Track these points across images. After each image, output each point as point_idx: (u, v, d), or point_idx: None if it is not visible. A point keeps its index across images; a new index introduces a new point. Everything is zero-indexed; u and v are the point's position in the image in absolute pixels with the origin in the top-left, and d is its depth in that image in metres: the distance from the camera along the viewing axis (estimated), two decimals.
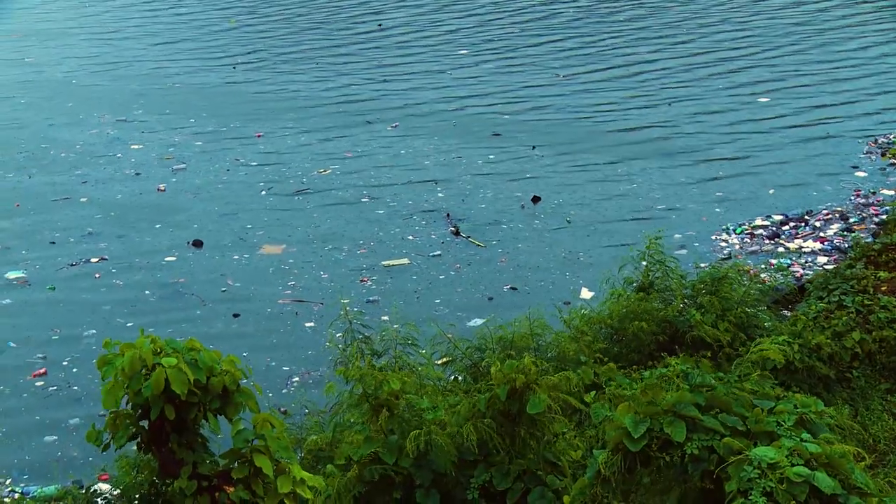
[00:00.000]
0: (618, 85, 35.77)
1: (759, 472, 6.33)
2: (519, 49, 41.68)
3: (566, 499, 7.49)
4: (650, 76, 36.61)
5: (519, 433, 8.16)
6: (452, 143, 29.94)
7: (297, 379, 17.34)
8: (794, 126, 30.51)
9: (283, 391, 16.68)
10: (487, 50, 41.77)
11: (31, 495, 13.72)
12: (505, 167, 27.89)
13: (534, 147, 29.43)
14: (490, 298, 20.36)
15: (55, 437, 16.04)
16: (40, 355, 18.42)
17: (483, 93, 35.28)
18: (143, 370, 7.93)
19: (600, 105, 33.38)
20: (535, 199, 25.31)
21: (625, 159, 28.25)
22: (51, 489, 13.41)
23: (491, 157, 28.75)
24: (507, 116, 32.50)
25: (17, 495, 14.16)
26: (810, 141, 29.33)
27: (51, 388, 17.33)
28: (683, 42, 41.49)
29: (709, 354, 12.01)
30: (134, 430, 8.25)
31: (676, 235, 22.33)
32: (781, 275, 19.47)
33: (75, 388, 17.22)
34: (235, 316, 19.84)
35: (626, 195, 25.70)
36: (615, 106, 33.26)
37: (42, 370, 17.70)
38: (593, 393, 8.35)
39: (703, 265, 16.66)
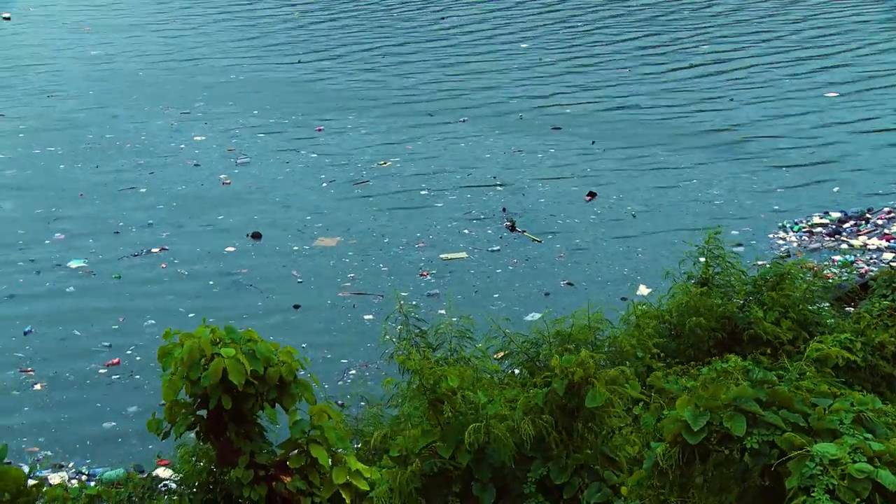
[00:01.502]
0: (684, 81, 35.50)
1: (821, 468, 6.22)
2: (585, 44, 41.51)
3: (623, 490, 7.43)
4: (718, 72, 36.25)
5: (576, 427, 8.10)
6: (514, 137, 29.88)
7: (353, 372, 17.38)
8: (869, 130, 29.92)
9: (339, 383, 16.69)
10: (552, 45, 41.61)
11: (96, 478, 13.92)
12: (565, 162, 27.79)
13: (594, 142, 29.29)
14: (547, 293, 20.28)
15: (114, 424, 16.24)
16: (105, 343, 18.64)
17: (546, 87, 35.18)
18: (202, 360, 8.01)
19: (665, 100, 33.16)
20: (591, 195, 25.17)
21: (686, 155, 28.02)
22: (115, 473, 13.60)
23: (552, 150, 28.66)
24: (569, 111, 32.38)
25: (83, 477, 14.38)
26: (879, 141, 28.82)
27: (114, 377, 17.53)
28: (766, 40, 40.82)
29: (769, 351, 11.85)
30: (193, 419, 8.33)
31: (734, 232, 22.07)
32: (846, 271, 19.16)
33: (137, 376, 17.39)
34: (296, 307, 19.92)
35: (687, 191, 25.48)
36: (679, 101, 33.00)
37: (115, 360, 17.87)
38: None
39: (760, 263, 16.45)
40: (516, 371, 9.34)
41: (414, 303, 18.81)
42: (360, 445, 9.41)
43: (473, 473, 8.29)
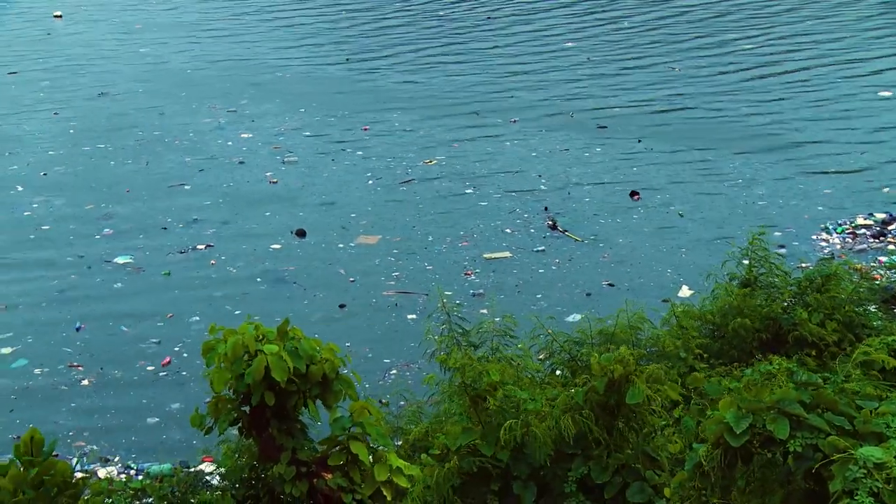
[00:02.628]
0: (733, 82, 35.16)
1: (865, 471, 6.16)
2: (632, 44, 41.28)
3: (667, 491, 7.39)
4: (770, 74, 35.84)
5: (617, 426, 8.07)
6: (560, 136, 29.81)
7: (394, 372, 17.41)
8: None
9: (380, 383, 16.73)
10: (599, 45, 41.45)
11: (144, 471, 14.05)
12: (610, 160, 27.70)
13: (639, 140, 29.15)
14: (588, 294, 20.22)
15: (157, 419, 16.44)
16: (154, 340, 18.82)
17: (593, 87, 35.03)
18: (245, 356, 8.06)
19: (713, 101, 32.89)
20: (634, 195, 25.05)
21: (733, 155, 27.80)
22: (162, 468, 13.73)
23: (598, 150, 28.56)
24: (616, 110, 32.25)
25: (131, 472, 14.52)
26: None
27: (161, 374, 17.70)
28: (819, 42, 40.26)
29: (813, 353, 11.72)
30: (235, 415, 8.39)
31: (777, 233, 21.87)
32: (894, 273, 18.91)
33: (184, 373, 17.55)
34: (341, 307, 19.97)
35: (732, 191, 25.28)
36: (728, 102, 32.74)
37: (167, 359, 18.01)
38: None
39: (803, 265, 16.31)
40: (558, 371, 9.33)
41: (458, 302, 18.85)
42: (400, 443, 9.43)
43: (513, 471, 8.28)
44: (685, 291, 19.48)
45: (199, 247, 22.75)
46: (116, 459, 15.22)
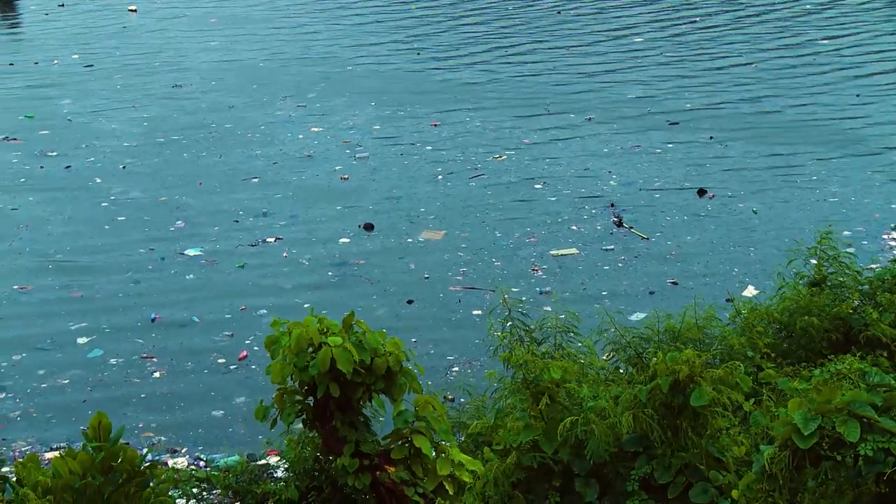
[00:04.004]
0: (809, 77, 34.62)
1: None
2: (705, 41, 40.82)
3: (734, 493, 7.29)
4: (853, 74, 35.16)
5: (681, 426, 7.98)
6: (630, 132, 29.58)
7: (456, 369, 17.35)
8: None
9: (441, 379, 16.60)
10: (670, 41, 41.08)
11: (214, 464, 14.19)
12: (681, 158, 27.42)
13: (711, 137, 28.85)
14: (651, 292, 20.04)
15: (222, 412, 16.57)
16: (227, 333, 18.99)
17: (665, 83, 34.70)
18: (310, 349, 8.12)
19: (789, 98, 32.38)
20: (702, 192, 24.78)
21: (807, 153, 27.36)
22: (231, 459, 13.86)
23: (669, 146, 28.31)
24: (688, 106, 31.94)
25: (201, 463, 14.69)
26: None
27: (231, 367, 17.83)
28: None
29: (885, 355, 11.49)
30: (300, 407, 8.46)
31: (846, 232, 21.47)
32: None
33: (253, 366, 17.59)
34: (409, 302, 19.99)
35: (804, 190, 24.91)
36: (806, 100, 32.19)
37: (243, 353, 18.11)
38: (752, 401, 8.09)
39: (873, 266, 16.02)
40: (622, 368, 9.26)
41: (523, 299, 18.80)
42: (463, 438, 9.43)
43: (574, 469, 8.24)
44: (750, 291, 19.19)
45: (269, 240, 22.94)
46: (184, 451, 15.40)
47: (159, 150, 29.27)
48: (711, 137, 28.79)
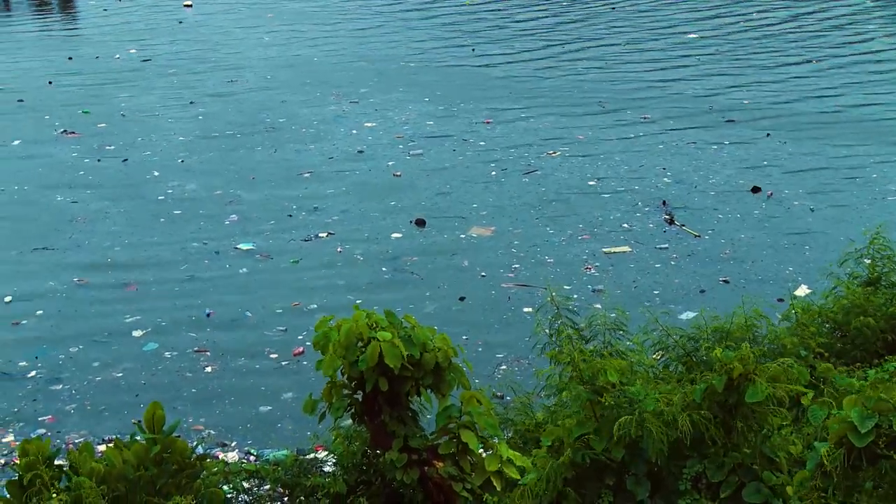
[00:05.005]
0: (872, 77, 34.16)
1: None
2: (762, 37, 40.44)
3: (789, 489, 7.21)
4: None
5: (735, 425, 7.91)
6: (686, 129, 29.38)
7: (504, 367, 17.20)
8: None
9: (489, 377, 16.34)
10: (726, 36, 40.72)
11: (264, 458, 14.26)
12: (737, 154, 27.18)
13: (768, 134, 28.54)
14: (702, 291, 19.82)
15: (270, 408, 16.59)
16: (280, 328, 19.03)
17: (722, 79, 34.46)
18: (359, 344, 8.14)
19: (850, 94, 32.03)
20: (756, 190, 24.52)
21: (869, 150, 27.03)
22: (280, 454, 13.93)
23: (725, 143, 28.06)
24: (746, 102, 31.64)
25: (251, 457, 14.78)
26: None
27: (283, 362, 17.84)
28: None
29: None
30: (348, 401, 8.48)
31: None
32: None
33: (304, 362, 17.57)
34: (461, 299, 19.93)
35: (864, 187, 24.61)
36: (866, 96, 31.81)
37: (300, 349, 18.10)
38: (810, 394, 7.99)
39: None
40: (671, 367, 9.19)
41: (575, 297, 18.70)
42: (511, 434, 9.42)
43: (628, 467, 8.20)
44: (803, 290, 18.86)
45: (321, 235, 23.02)
46: (233, 444, 15.48)
47: (214, 144, 29.52)
48: (768, 134, 28.51)
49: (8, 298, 20.32)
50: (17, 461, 8.91)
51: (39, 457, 8.74)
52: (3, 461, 14.96)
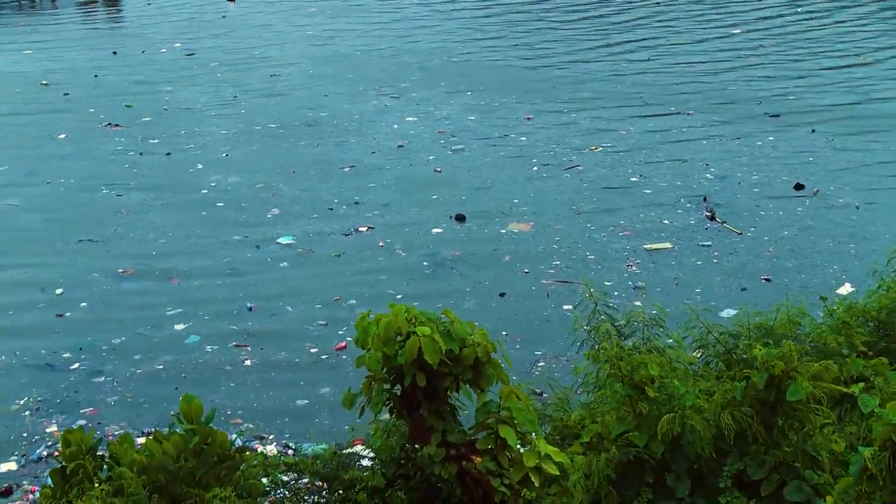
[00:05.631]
0: None
1: None
2: (807, 30, 40.08)
3: (829, 500, 7.13)
4: None
5: (776, 423, 7.84)
6: (729, 124, 29.18)
7: (542, 364, 17.08)
8: None
9: (527, 373, 16.21)
10: (770, 31, 40.38)
11: (303, 452, 14.29)
12: (781, 151, 26.89)
13: (813, 130, 28.26)
14: (743, 289, 19.58)
15: (307, 401, 16.60)
16: (321, 322, 19.05)
17: (765, 74, 34.16)
18: (398, 338, 8.14)
19: None
20: (798, 187, 24.26)
21: None
22: (319, 447, 13.96)
23: (770, 139, 27.81)
24: (791, 97, 31.37)
25: (289, 451, 14.82)
26: None
27: (322, 357, 17.83)
28: None
29: None
30: (387, 396, 8.49)
31: None
32: None
33: (344, 357, 17.58)
34: (501, 295, 19.85)
35: None
36: None
37: (343, 343, 18.07)
38: (861, 384, 7.90)
39: None
40: (711, 364, 9.13)
41: (615, 293, 18.61)
42: (549, 430, 9.39)
43: (668, 464, 8.16)
44: (846, 289, 18.61)
45: (362, 229, 23.04)
46: (271, 437, 15.52)
47: (257, 138, 29.69)
48: (813, 131, 28.22)
49: (59, 290, 20.54)
50: (60, 451, 9.00)
51: (82, 447, 8.83)
52: (45, 452, 15.12)
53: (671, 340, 8.41)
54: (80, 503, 8.00)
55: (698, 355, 9.45)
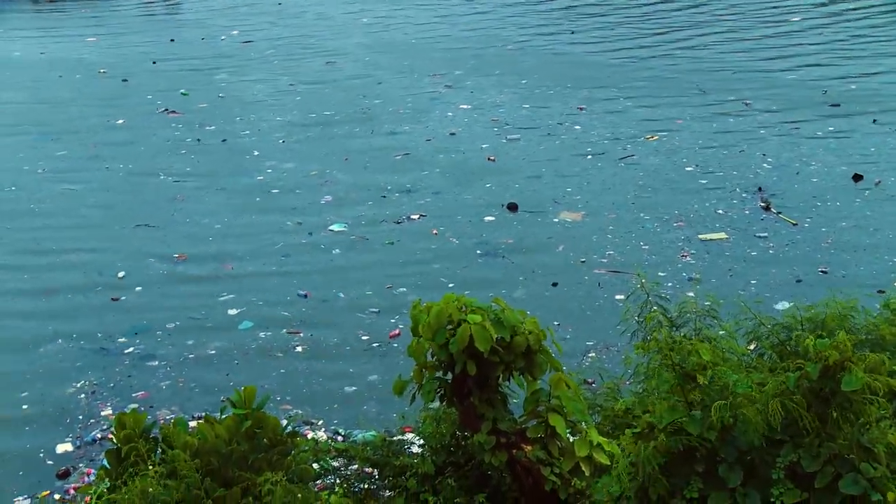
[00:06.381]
0: None
1: None
2: (863, 17, 39.43)
3: (891, 496, 7.03)
4: None
5: (831, 415, 7.73)
6: (788, 112, 28.84)
7: (592, 354, 16.94)
8: None
9: (575, 364, 16.00)
10: (826, 18, 39.81)
11: (353, 439, 14.35)
12: (842, 141, 26.56)
13: (875, 120, 27.82)
14: (798, 280, 19.32)
15: (355, 388, 16.58)
16: (373, 310, 19.03)
17: (823, 62, 33.69)
18: (449, 326, 8.14)
19: None
20: (857, 178, 23.90)
21: None
22: (369, 434, 14.00)
23: (830, 129, 27.45)
24: (853, 86, 30.91)
25: (339, 437, 14.88)
26: None
27: (373, 344, 17.81)
28: None
29: None
30: (438, 383, 8.49)
31: None
32: None
33: (395, 345, 17.58)
34: (554, 285, 19.72)
35: None
36: None
37: (397, 331, 18.02)
38: None
39: None
40: (764, 355, 9.03)
41: (669, 284, 18.46)
42: (599, 419, 9.34)
43: (719, 453, 8.08)
44: None
45: (413, 216, 23.05)
46: (320, 423, 15.56)
47: (312, 125, 29.84)
48: (875, 121, 27.80)
49: (121, 274, 20.78)
50: (114, 433, 9.11)
51: (136, 430, 8.93)
52: (99, 435, 15.32)
53: (723, 332, 8.32)
54: (135, 484, 8.09)
55: (751, 347, 9.36)
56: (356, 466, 9.44)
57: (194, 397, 16.40)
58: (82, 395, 16.53)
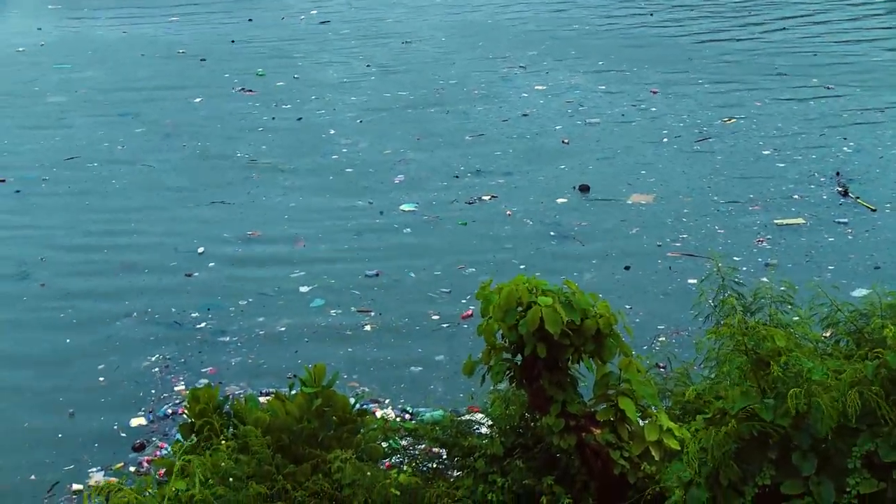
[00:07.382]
0: None
1: None
2: None
3: None
4: None
5: None
6: (872, 95, 28.27)
7: (662, 339, 16.71)
8: None
9: (645, 348, 15.60)
10: None
11: (420, 418, 14.39)
12: None
13: None
14: (877, 267, 18.91)
15: (420, 369, 16.57)
16: (445, 290, 18.97)
17: None
18: (519, 308, 8.10)
19: None
20: None
21: None
22: (437, 413, 14.02)
23: None
24: None
25: (406, 416, 14.94)
26: None
27: (443, 325, 17.77)
28: None
29: None
30: (507, 365, 8.47)
31: None
32: None
33: (465, 326, 17.49)
34: (626, 268, 19.54)
35: None
36: None
37: (468, 312, 17.91)
38: None
39: None
40: (841, 342, 8.86)
41: (744, 269, 18.18)
42: (670, 404, 9.25)
43: (794, 441, 7.96)
44: None
45: (485, 197, 23.00)
46: (386, 402, 15.61)
47: (386, 105, 29.92)
48: None
49: (201, 249, 21.06)
50: (188, 408, 9.24)
51: (210, 405, 9.06)
52: (171, 409, 15.53)
53: (797, 318, 8.18)
54: (209, 457, 8.20)
55: (827, 334, 9.19)
56: (424, 446, 9.46)
57: (262, 374, 16.52)
58: (156, 370, 16.77)
